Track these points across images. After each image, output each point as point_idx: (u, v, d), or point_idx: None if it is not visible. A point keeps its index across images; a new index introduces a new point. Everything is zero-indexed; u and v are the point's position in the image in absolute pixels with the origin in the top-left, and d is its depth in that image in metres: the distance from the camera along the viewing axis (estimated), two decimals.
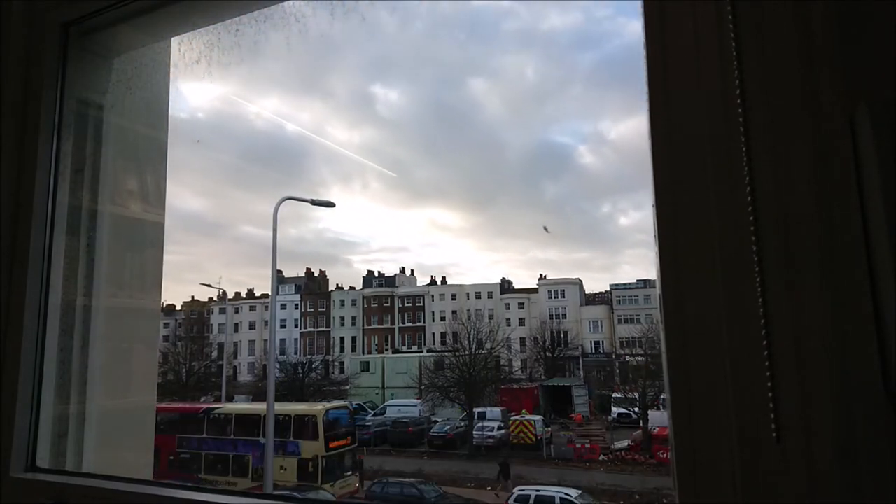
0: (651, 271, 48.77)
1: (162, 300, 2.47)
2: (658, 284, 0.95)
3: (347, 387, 39.53)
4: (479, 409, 29.45)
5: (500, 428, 28.10)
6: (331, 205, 25.23)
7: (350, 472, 21.14)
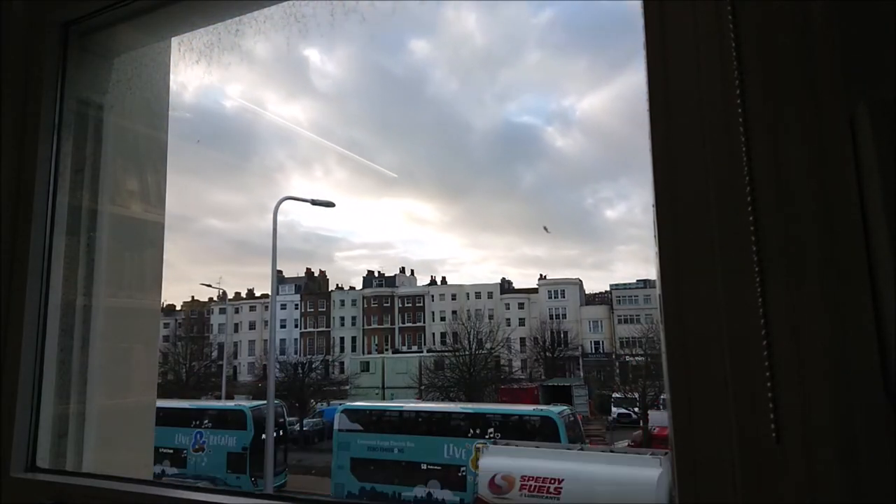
0: (643, 268, 47.84)
1: (162, 300, 2.47)
2: (658, 284, 0.95)
3: (347, 387, 39.52)
4: None
5: None
6: (331, 205, 24.69)
7: None
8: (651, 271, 50.23)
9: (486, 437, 18.95)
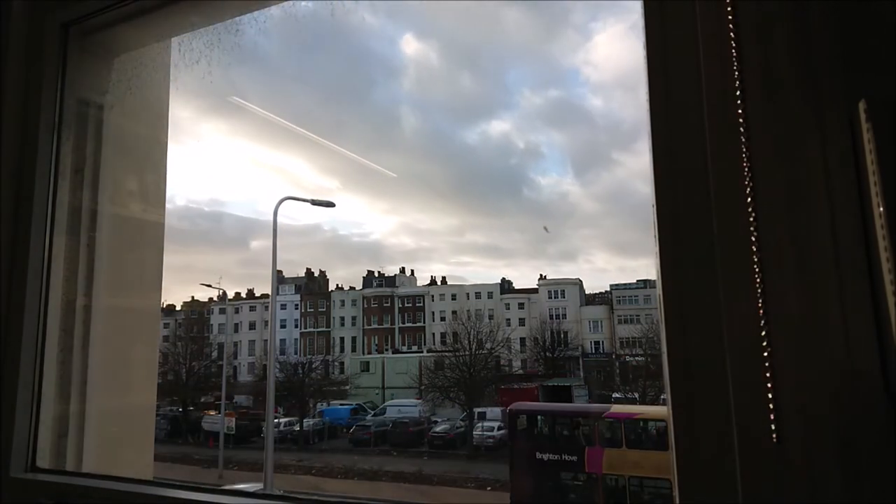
0: (618, 258, 44.66)
1: (162, 300, 2.47)
2: (658, 284, 0.95)
3: (347, 387, 39.52)
4: (480, 409, 29.46)
5: (500, 428, 28.11)
6: (331, 205, 24.76)
7: None
8: (627, 260, 46.50)
9: None
